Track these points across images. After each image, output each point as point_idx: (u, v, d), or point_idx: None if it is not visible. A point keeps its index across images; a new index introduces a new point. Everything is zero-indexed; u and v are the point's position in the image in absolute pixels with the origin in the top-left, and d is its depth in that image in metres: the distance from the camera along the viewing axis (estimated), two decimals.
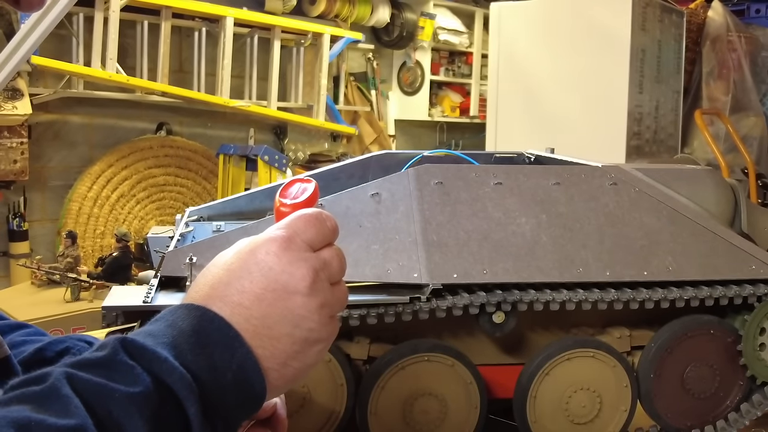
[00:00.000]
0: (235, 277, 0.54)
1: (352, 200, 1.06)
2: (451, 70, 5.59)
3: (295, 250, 0.55)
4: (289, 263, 0.54)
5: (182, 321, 0.51)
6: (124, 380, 0.46)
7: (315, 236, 0.57)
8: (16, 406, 0.42)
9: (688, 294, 1.10)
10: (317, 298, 0.56)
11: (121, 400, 0.45)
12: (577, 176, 1.13)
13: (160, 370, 0.47)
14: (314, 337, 0.55)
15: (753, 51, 4.70)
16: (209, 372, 0.49)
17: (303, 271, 0.55)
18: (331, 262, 0.59)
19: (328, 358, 1.05)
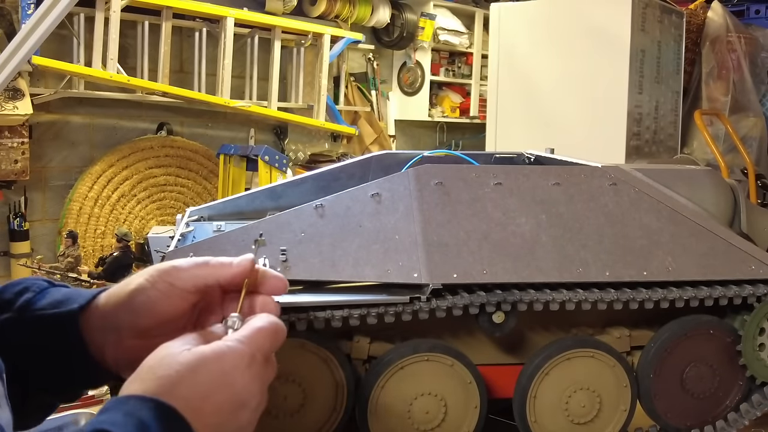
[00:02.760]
0: (201, 383, 0.58)
1: (352, 200, 1.06)
2: (451, 71, 5.59)
3: (256, 367, 0.62)
4: (251, 381, 0.61)
5: (143, 412, 0.54)
6: None
7: (270, 350, 0.65)
8: None
9: (688, 294, 1.10)
10: (258, 411, 0.63)
11: None
12: (577, 176, 1.13)
13: None
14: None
15: (752, 51, 4.70)
16: None
17: (257, 388, 0.62)
18: (271, 377, 0.66)
19: (326, 356, 1.05)
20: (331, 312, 1.01)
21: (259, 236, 0.95)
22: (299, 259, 1.02)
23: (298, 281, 1.03)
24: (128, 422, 0.52)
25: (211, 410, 0.57)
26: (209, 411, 0.57)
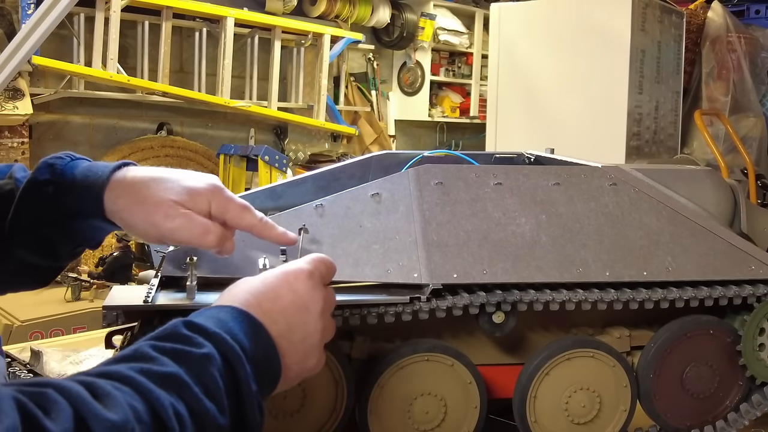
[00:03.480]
0: (270, 289, 0.70)
1: (352, 200, 1.06)
2: (452, 71, 5.59)
3: (315, 281, 0.74)
4: (312, 288, 0.73)
5: (221, 313, 0.65)
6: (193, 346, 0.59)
7: (326, 275, 0.77)
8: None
9: (688, 294, 1.10)
10: (322, 322, 0.74)
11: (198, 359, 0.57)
12: (577, 176, 1.13)
13: (216, 340, 0.60)
14: (312, 352, 0.73)
15: (752, 52, 4.71)
16: (247, 344, 0.62)
17: (318, 298, 0.73)
18: (331, 300, 0.78)
19: (326, 356, 1.05)
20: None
21: (303, 226, 1.01)
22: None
23: None
24: (208, 317, 0.62)
25: (280, 310, 0.68)
26: (278, 310, 0.68)
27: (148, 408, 0.49)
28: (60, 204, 0.78)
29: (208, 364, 0.57)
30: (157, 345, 0.58)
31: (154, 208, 0.77)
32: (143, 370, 0.53)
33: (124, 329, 1.00)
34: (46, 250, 0.80)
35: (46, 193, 0.78)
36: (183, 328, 0.60)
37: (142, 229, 0.79)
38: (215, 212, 0.82)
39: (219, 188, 0.83)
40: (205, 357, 0.57)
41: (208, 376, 0.56)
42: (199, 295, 0.96)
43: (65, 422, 0.41)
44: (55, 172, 0.79)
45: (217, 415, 0.54)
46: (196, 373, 0.55)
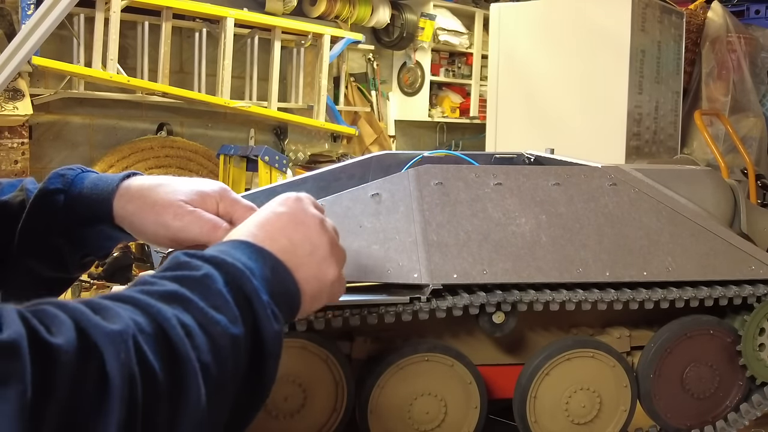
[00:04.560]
0: (261, 218, 0.70)
1: (352, 200, 1.06)
2: (451, 71, 5.59)
3: (306, 202, 0.73)
4: (305, 207, 0.72)
5: (220, 246, 0.64)
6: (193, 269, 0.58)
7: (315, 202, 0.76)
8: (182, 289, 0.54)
9: (688, 294, 1.10)
10: (327, 234, 0.72)
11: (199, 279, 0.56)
12: (577, 177, 1.13)
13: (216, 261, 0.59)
14: (326, 264, 0.71)
15: (752, 52, 4.71)
16: (251, 264, 0.61)
17: (314, 213, 0.72)
18: (324, 218, 0.75)
19: (326, 356, 1.05)
20: (331, 312, 1.01)
21: None
22: None
23: None
24: (218, 251, 0.61)
25: (277, 230, 0.67)
26: (275, 231, 0.67)
27: (150, 320, 0.49)
28: (70, 211, 0.79)
29: (209, 281, 0.56)
30: (157, 273, 0.57)
31: (163, 209, 0.77)
32: (143, 291, 0.52)
33: None
34: (56, 259, 0.80)
35: (56, 201, 0.78)
36: (182, 256, 0.60)
37: (152, 232, 0.79)
38: (222, 212, 0.82)
39: (226, 190, 0.84)
40: (206, 276, 0.56)
41: (213, 292, 0.55)
42: None
43: (66, 333, 0.41)
44: (66, 182, 0.80)
45: (229, 325, 0.53)
46: (200, 290, 0.55)
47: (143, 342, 0.46)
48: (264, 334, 0.57)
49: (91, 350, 0.42)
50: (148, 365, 0.45)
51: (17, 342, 0.39)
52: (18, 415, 0.37)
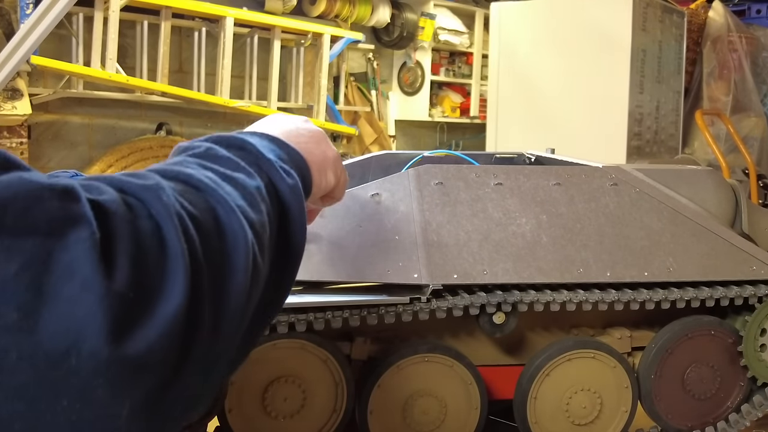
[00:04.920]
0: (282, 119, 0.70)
1: (352, 200, 1.06)
2: (452, 71, 5.58)
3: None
4: (322, 134, 0.72)
5: (246, 135, 0.63)
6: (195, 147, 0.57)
7: None
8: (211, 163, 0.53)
9: (689, 295, 1.10)
10: (333, 149, 0.72)
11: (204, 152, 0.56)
12: (578, 177, 1.12)
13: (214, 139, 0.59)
14: (325, 145, 0.70)
15: (754, 51, 4.70)
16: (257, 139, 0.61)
17: (321, 131, 0.73)
18: None
19: (326, 357, 1.04)
20: (330, 313, 1.00)
21: None
22: None
23: (297, 282, 1.02)
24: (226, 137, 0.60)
25: (292, 131, 0.67)
26: (293, 131, 0.67)
27: (175, 178, 0.49)
28: None
29: (214, 151, 0.56)
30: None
31: None
32: (156, 168, 0.52)
33: None
34: None
35: None
36: (180, 144, 0.59)
37: None
38: None
39: None
40: (210, 148, 0.56)
41: (222, 157, 0.55)
42: None
43: (109, 192, 0.42)
44: None
45: (247, 179, 0.53)
46: (208, 158, 0.55)
47: (177, 192, 0.46)
48: (280, 189, 0.57)
49: (135, 202, 0.43)
50: (189, 209, 0.46)
51: (74, 188, 0.40)
52: (94, 255, 0.37)
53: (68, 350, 0.36)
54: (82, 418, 0.37)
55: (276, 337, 1.01)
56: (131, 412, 0.39)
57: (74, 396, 0.36)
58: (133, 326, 0.38)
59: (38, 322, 0.36)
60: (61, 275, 0.37)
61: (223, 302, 0.45)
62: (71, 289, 0.36)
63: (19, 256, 0.36)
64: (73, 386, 0.36)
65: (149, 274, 0.40)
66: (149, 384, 0.39)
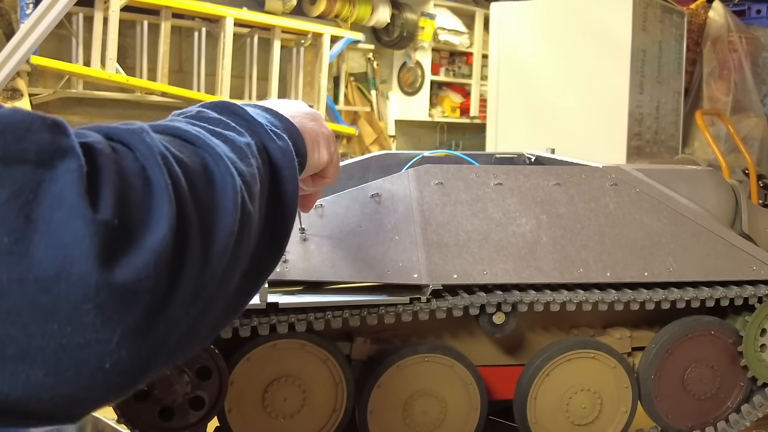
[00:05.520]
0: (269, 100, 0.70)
1: (351, 201, 1.06)
2: (452, 71, 5.58)
3: None
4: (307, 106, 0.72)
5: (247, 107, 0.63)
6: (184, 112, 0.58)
7: None
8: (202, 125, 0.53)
9: (689, 295, 1.10)
10: (327, 128, 0.72)
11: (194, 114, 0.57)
12: (578, 177, 1.12)
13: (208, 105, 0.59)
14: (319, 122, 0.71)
15: (754, 51, 4.70)
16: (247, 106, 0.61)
17: (319, 113, 0.73)
18: None
19: (326, 357, 1.04)
20: (330, 313, 1.00)
21: (301, 227, 1.01)
22: (299, 259, 1.01)
23: (297, 282, 1.02)
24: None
25: (288, 109, 0.67)
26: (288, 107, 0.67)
27: (164, 132, 0.50)
28: None
29: (204, 113, 0.56)
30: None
31: None
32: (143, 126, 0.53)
33: None
34: None
35: None
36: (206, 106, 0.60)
37: None
38: None
39: None
40: (200, 110, 0.57)
41: (212, 119, 0.56)
42: None
43: (94, 135, 0.44)
44: None
45: (237, 137, 0.54)
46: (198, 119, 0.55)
47: (165, 141, 0.47)
48: (270, 149, 0.57)
49: (120, 147, 0.45)
50: (174, 152, 0.46)
51: (63, 122, 0.41)
52: (81, 186, 0.39)
53: (58, 275, 0.37)
54: (73, 343, 0.38)
55: (276, 337, 1.01)
56: (122, 337, 0.40)
57: (64, 320, 0.38)
58: (120, 253, 0.39)
59: (28, 247, 0.37)
60: (51, 203, 0.38)
61: (211, 238, 0.46)
62: (60, 216, 0.37)
63: (9, 184, 0.37)
64: (63, 311, 0.37)
65: (134, 206, 0.42)
66: (138, 311, 0.40)
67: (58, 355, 0.38)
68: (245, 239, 0.51)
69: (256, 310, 0.97)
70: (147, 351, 0.42)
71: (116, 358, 0.40)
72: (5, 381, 0.38)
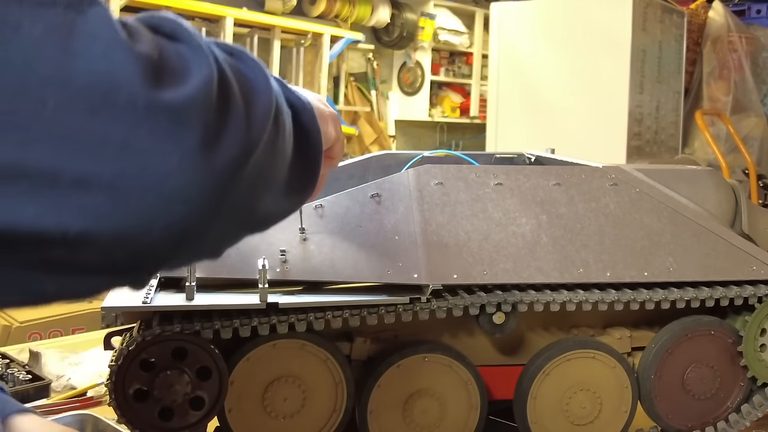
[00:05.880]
0: None
1: (351, 201, 1.06)
2: (452, 71, 5.59)
3: None
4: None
5: None
6: None
7: None
8: None
9: (689, 295, 1.10)
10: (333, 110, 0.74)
11: None
12: (578, 177, 1.13)
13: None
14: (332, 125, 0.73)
15: (754, 51, 4.70)
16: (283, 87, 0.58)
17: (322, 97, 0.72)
18: None
19: (325, 357, 1.05)
20: (330, 313, 1.00)
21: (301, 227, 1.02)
22: (299, 259, 1.01)
23: (297, 282, 1.02)
24: None
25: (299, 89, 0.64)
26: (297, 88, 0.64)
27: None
28: None
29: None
30: None
31: None
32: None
33: (123, 330, 1.00)
34: None
35: None
36: None
37: None
38: None
39: None
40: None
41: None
42: (199, 295, 0.95)
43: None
44: None
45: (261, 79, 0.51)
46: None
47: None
48: (292, 100, 0.57)
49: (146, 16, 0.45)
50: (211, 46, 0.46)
51: None
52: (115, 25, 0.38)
53: (105, 98, 0.37)
54: (130, 166, 0.38)
55: (276, 337, 1.01)
56: (181, 160, 0.39)
57: (119, 144, 0.37)
58: (166, 82, 0.39)
59: (70, 73, 0.36)
60: (87, 40, 0.37)
61: (251, 102, 0.46)
62: (98, 49, 0.37)
63: (41, 22, 0.36)
64: (116, 133, 0.37)
65: (172, 54, 0.41)
66: (193, 135, 0.40)
67: (116, 179, 0.37)
68: (281, 133, 0.50)
69: (256, 310, 0.97)
70: (208, 181, 0.41)
71: (176, 182, 0.39)
72: (64, 211, 0.36)
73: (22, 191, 0.36)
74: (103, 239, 0.38)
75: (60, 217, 0.36)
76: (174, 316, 0.96)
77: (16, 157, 0.35)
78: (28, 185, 0.36)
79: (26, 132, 0.35)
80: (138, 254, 0.40)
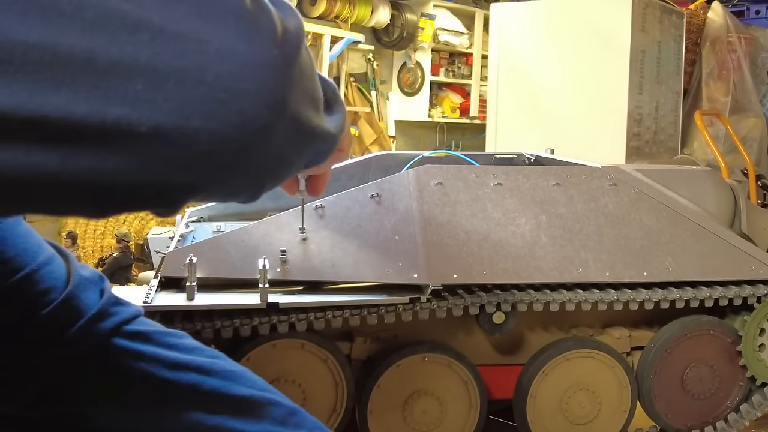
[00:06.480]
0: None
1: (352, 201, 1.06)
2: (451, 71, 5.59)
3: None
4: None
5: None
6: None
7: None
8: None
9: (688, 294, 1.10)
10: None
11: None
12: (577, 177, 1.13)
13: None
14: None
15: (753, 52, 4.70)
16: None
17: None
18: None
19: (326, 356, 1.05)
20: (330, 313, 1.01)
21: (302, 227, 1.02)
22: (299, 259, 1.01)
23: (298, 281, 1.03)
24: None
25: None
26: None
27: None
28: None
29: None
30: None
31: None
32: None
33: None
34: None
35: None
36: None
37: None
38: None
39: None
40: None
41: None
42: (199, 295, 0.96)
43: None
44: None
45: None
46: None
47: None
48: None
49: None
50: None
51: None
52: None
53: None
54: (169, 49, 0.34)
55: (276, 337, 1.02)
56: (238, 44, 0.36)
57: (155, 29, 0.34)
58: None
59: None
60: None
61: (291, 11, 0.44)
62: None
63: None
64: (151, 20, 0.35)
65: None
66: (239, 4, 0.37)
67: (153, 62, 0.34)
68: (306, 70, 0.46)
69: (256, 309, 0.97)
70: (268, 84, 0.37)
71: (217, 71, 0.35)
72: (100, 98, 0.33)
73: (51, 76, 0.33)
74: (141, 140, 0.34)
75: (93, 105, 0.33)
76: (175, 316, 0.96)
77: (46, 40, 0.32)
78: (59, 70, 0.33)
79: (58, 15, 0.32)
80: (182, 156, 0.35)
